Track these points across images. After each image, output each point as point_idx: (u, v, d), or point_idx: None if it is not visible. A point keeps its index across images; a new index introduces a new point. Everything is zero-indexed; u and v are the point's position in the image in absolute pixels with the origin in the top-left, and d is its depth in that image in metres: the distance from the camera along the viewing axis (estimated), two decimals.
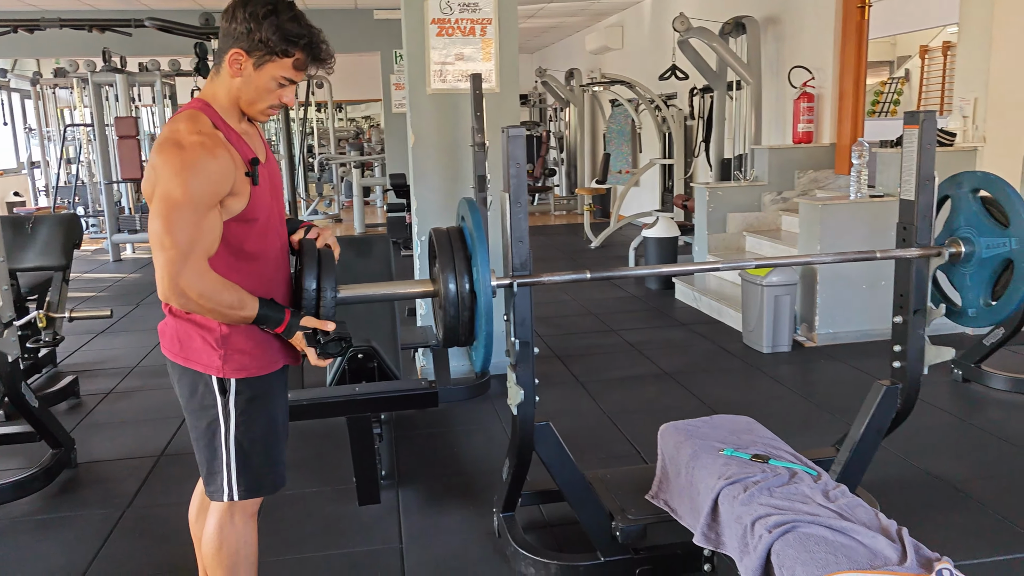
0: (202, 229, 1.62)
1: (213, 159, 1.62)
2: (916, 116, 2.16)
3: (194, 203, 1.60)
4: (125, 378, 4.57)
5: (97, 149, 8.91)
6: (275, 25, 1.65)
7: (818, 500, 1.86)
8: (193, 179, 1.59)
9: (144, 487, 3.15)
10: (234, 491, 1.82)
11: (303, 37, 1.68)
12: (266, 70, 1.69)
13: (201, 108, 1.71)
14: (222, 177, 1.63)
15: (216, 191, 1.63)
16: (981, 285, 2.19)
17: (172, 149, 1.61)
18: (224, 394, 1.77)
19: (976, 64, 4.69)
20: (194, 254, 1.61)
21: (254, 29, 1.64)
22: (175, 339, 1.79)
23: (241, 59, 1.68)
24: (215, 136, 1.66)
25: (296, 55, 1.68)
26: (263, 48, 1.66)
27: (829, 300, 4.69)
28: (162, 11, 9.09)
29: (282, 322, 1.73)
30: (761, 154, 6.23)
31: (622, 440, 3.46)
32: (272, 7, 1.66)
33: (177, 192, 1.59)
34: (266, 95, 1.72)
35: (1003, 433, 3.38)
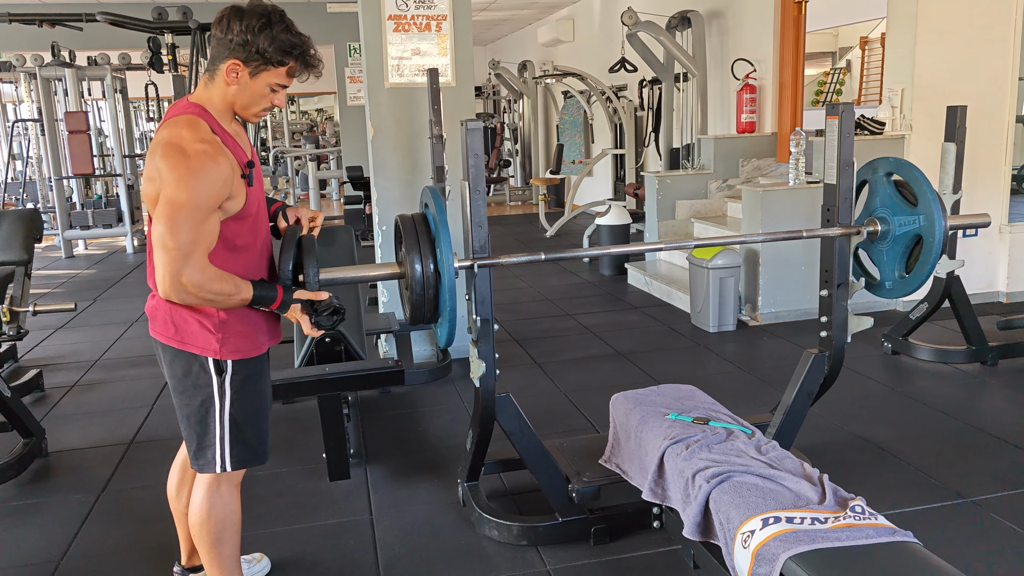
0: (203, 231, 1.74)
1: (216, 167, 1.74)
2: (836, 108, 2.38)
3: (197, 207, 1.71)
4: (88, 371, 4.63)
5: (46, 145, 8.80)
6: (271, 37, 1.76)
7: (751, 454, 2.07)
8: (198, 185, 1.71)
9: (117, 472, 3.24)
10: (227, 462, 1.95)
11: (297, 47, 1.81)
12: (261, 78, 1.81)
13: (199, 114, 1.81)
14: (224, 183, 1.76)
15: (218, 196, 1.76)
16: (896, 259, 2.43)
17: (178, 156, 1.71)
18: (220, 374, 1.90)
19: (903, 56, 4.99)
20: (195, 253, 1.72)
21: (251, 41, 1.75)
22: (169, 323, 1.88)
23: (238, 69, 1.79)
24: (216, 143, 1.77)
25: (290, 63, 1.81)
26: (259, 59, 1.77)
27: (771, 281, 4.96)
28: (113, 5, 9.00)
29: (276, 299, 1.87)
30: (707, 144, 6.49)
31: (578, 415, 3.66)
32: (267, 19, 1.77)
33: (183, 197, 1.70)
34: (260, 100, 1.85)
35: (927, 399, 3.66)
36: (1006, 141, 5.12)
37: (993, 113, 5.03)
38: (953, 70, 4.94)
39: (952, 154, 3.81)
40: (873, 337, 4.38)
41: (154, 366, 4.57)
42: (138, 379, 4.43)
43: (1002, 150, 5.12)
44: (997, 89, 5.03)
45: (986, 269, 5.24)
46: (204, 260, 1.75)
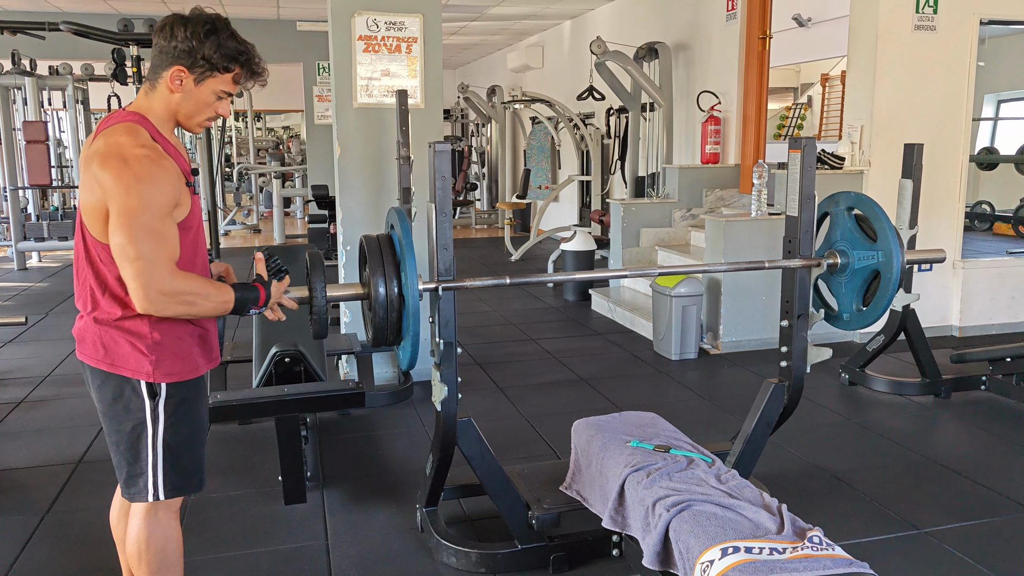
0: (164, 236, 1.70)
1: (161, 170, 1.70)
2: (799, 142, 2.43)
3: (152, 212, 1.67)
4: (37, 387, 4.49)
5: (2, 154, 8.61)
6: (217, 43, 1.75)
7: (711, 483, 2.08)
8: (147, 189, 1.66)
9: (63, 493, 3.14)
10: (160, 491, 1.87)
11: (243, 54, 1.80)
12: (206, 85, 1.78)
13: (138, 121, 1.76)
14: (172, 186, 1.72)
15: (169, 200, 1.71)
16: (854, 293, 2.47)
17: (119, 164, 1.67)
18: (154, 398, 1.82)
19: (862, 94, 5.13)
20: (160, 259, 1.68)
21: (196, 47, 1.74)
22: (98, 345, 1.81)
23: (183, 75, 1.76)
24: (157, 149, 1.73)
25: (236, 70, 1.80)
26: (205, 65, 1.75)
27: (732, 310, 5.02)
28: (76, 14, 8.88)
29: (260, 296, 1.86)
30: (672, 173, 6.57)
31: (539, 441, 3.64)
32: (211, 26, 1.76)
33: (135, 203, 1.65)
34: (205, 108, 1.82)
35: (883, 430, 3.72)
36: (960, 179, 5.27)
37: (948, 151, 5.18)
38: (911, 108, 5.08)
39: (908, 190, 3.91)
40: (831, 368, 4.44)
41: None
42: (88, 397, 4.20)
43: (956, 187, 5.27)
44: (952, 128, 5.18)
45: (940, 303, 5.36)
46: (171, 265, 1.70)
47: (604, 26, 9.02)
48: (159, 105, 1.80)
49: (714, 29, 6.80)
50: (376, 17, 4.24)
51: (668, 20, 7.62)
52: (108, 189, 1.67)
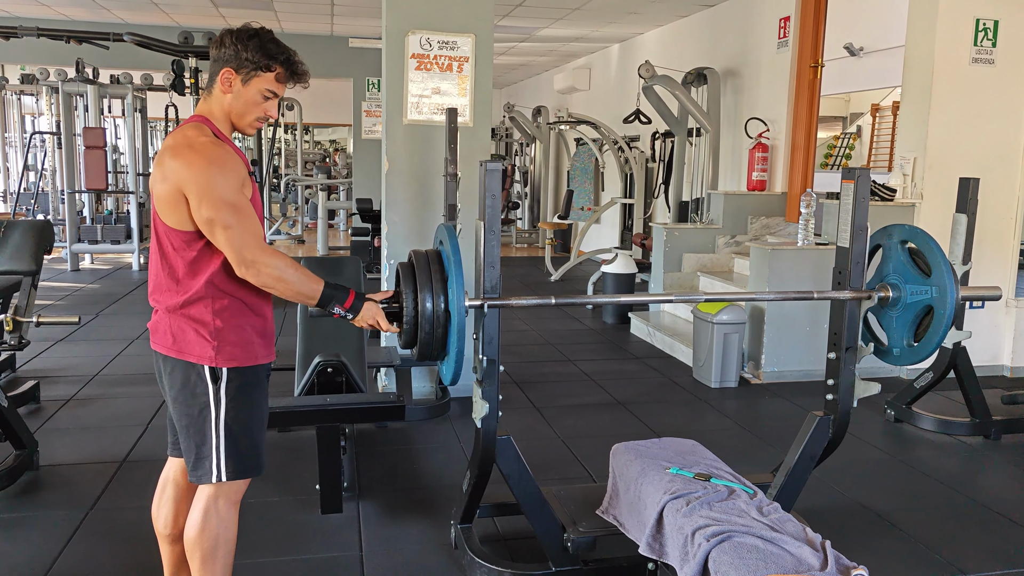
0: (241, 209, 1.85)
1: (227, 154, 1.88)
2: (853, 172, 2.40)
3: (227, 187, 1.84)
4: (86, 386, 4.60)
5: (62, 158, 8.88)
6: (258, 45, 1.92)
7: (753, 514, 2.04)
8: (218, 170, 1.84)
9: (107, 491, 3.20)
10: (222, 472, 1.96)
11: (282, 54, 1.96)
12: (253, 84, 1.93)
13: (202, 121, 1.95)
14: (239, 167, 1.90)
15: (238, 178, 1.88)
16: (905, 327, 2.43)
17: (189, 151, 1.85)
18: (216, 382, 1.94)
19: (916, 126, 5.05)
20: (247, 227, 1.84)
21: (240, 49, 1.91)
22: (168, 334, 1.95)
23: (231, 76, 1.93)
24: (219, 141, 1.91)
25: (277, 69, 1.94)
26: (249, 65, 1.91)
27: (775, 340, 4.95)
28: (138, 26, 9.17)
29: (348, 298, 1.99)
30: (717, 199, 6.53)
31: (575, 463, 3.62)
32: (255, 32, 1.94)
33: (212, 181, 1.82)
34: (253, 107, 1.96)
35: (928, 470, 3.62)
36: (1015, 214, 5.15)
37: (1003, 186, 5.07)
38: (965, 142, 4.99)
39: (963, 225, 3.83)
40: (876, 403, 4.35)
41: (151, 384, 4.56)
42: (135, 397, 4.39)
43: (1011, 223, 5.15)
44: (1008, 162, 5.08)
45: (991, 342, 5.23)
46: (258, 237, 1.87)
47: (652, 50, 9.03)
48: (216, 107, 1.96)
49: (764, 56, 6.77)
50: (429, 36, 4.30)
51: (717, 46, 7.60)
52: (182, 175, 1.83)
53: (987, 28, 4.90)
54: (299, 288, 1.92)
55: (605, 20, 8.68)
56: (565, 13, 8.37)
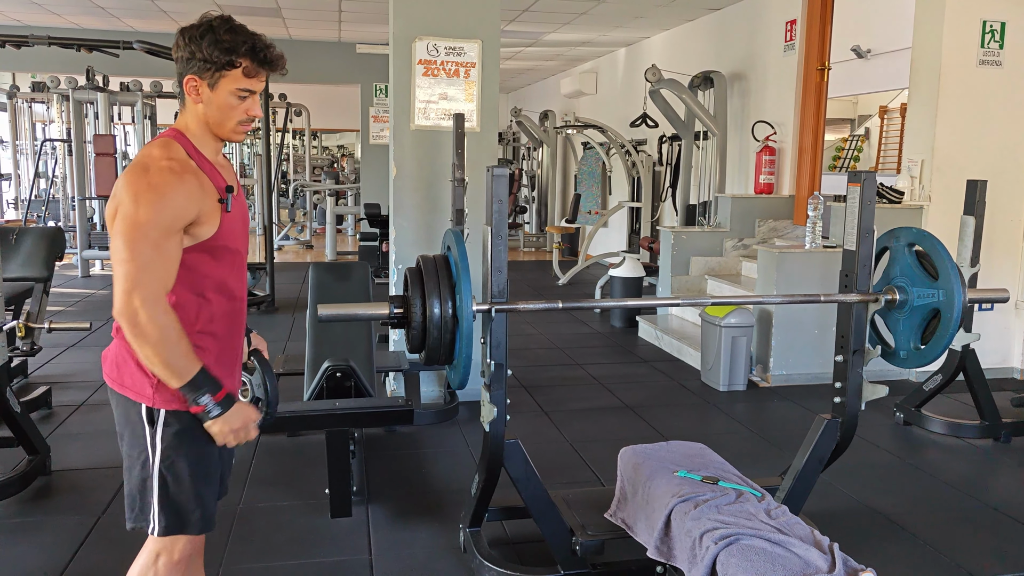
0: (161, 251, 1.61)
1: (179, 183, 1.63)
2: (859, 175, 2.41)
3: (155, 224, 1.59)
4: (97, 391, 4.63)
5: (73, 165, 8.96)
6: (213, 41, 1.66)
7: (761, 517, 2.05)
8: (157, 201, 1.60)
9: (119, 496, 3.22)
10: (155, 526, 1.76)
11: (244, 43, 1.68)
12: (221, 87, 1.69)
13: (174, 136, 1.73)
14: (187, 201, 1.64)
15: (179, 215, 1.63)
16: (912, 330, 2.43)
17: (138, 173, 1.63)
18: (152, 425, 1.71)
19: (924, 129, 5.04)
20: (150, 272, 1.59)
21: (196, 51, 1.66)
22: (114, 364, 1.76)
23: (196, 83, 1.69)
24: (185, 162, 1.68)
25: (242, 63, 1.68)
26: (210, 65, 1.67)
27: (783, 343, 4.94)
28: (147, 33, 9.24)
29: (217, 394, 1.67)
30: (724, 202, 6.53)
31: (583, 467, 3.63)
32: (207, 26, 1.68)
33: (139, 212, 1.59)
34: (230, 112, 1.72)
35: (938, 473, 3.61)
36: (1023, 216, 5.13)
37: (1011, 188, 5.06)
38: (973, 144, 4.98)
39: (971, 227, 3.82)
40: (885, 406, 4.34)
41: None
42: None
43: (1019, 225, 5.13)
44: (1016, 164, 5.06)
45: (1001, 344, 5.21)
46: (159, 287, 1.61)
47: (659, 54, 9.04)
48: (191, 120, 1.73)
49: (771, 59, 6.77)
50: (436, 42, 4.32)
51: (724, 50, 7.61)
52: (120, 196, 1.63)
53: (994, 30, 4.90)
54: (172, 360, 1.61)
55: (611, 24, 8.70)
56: (571, 18, 8.39)
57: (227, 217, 1.73)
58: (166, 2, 8.14)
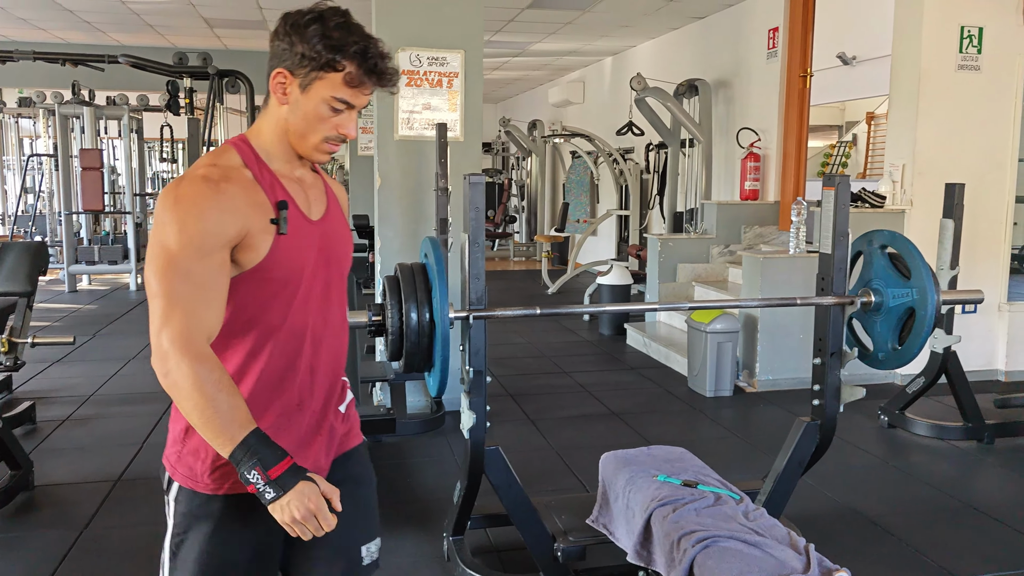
0: (194, 279, 1.29)
1: (214, 193, 1.32)
2: (833, 179, 2.43)
3: (184, 246, 1.29)
4: (81, 406, 4.61)
5: (59, 179, 8.95)
6: (319, 33, 1.33)
7: (739, 520, 2.06)
8: (185, 216, 1.29)
9: (101, 510, 3.21)
10: None
11: (355, 43, 1.34)
12: (314, 91, 1.36)
13: (235, 144, 1.42)
14: (224, 216, 1.31)
15: (212, 233, 1.30)
16: (889, 331, 2.44)
17: (172, 185, 1.34)
18: (167, 493, 1.45)
19: (904, 133, 5.09)
20: (182, 307, 1.27)
21: (296, 42, 1.34)
22: None
23: (285, 80, 1.37)
24: (231, 169, 1.37)
25: (346, 67, 1.35)
26: (307, 63, 1.34)
27: (769, 348, 4.96)
28: (133, 47, 9.25)
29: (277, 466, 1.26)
30: (710, 209, 6.56)
31: (568, 474, 3.63)
32: (317, 14, 1.35)
33: (167, 233, 1.29)
34: (317, 124, 1.39)
35: (921, 475, 3.63)
36: (1006, 219, 5.17)
37: (993, 191, 5.10)
38: (954, 148, 5.02)
39: (950, 230, 3.85)
40: (869, 409, 4.36)
41: (147, 403, 4.59)
42: (131, 416, 4.41)
43: (1002, 228, 5.18)
44: (997, 168, 5.11)
45: (985, 346, 5.24)
46: (193, 325, 1.28)
47: (645, 63, 9.10)
48: (268, 124, 1.41)
49: (754, 67, 6.82)
50: (419, 53, 4.35)
51: (708, 57, 7.66)
52: (155, 212, 1.34)
53: (972, 35, 4.95)
54: (211, 417, 1.25)
55: (597, 34, 8.75)
56: (557, 27, 8.43)
57: (282, 241, 1.38)
58: (153, 16, 8.15)
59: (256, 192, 1.37)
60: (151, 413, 4.40)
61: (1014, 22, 4.99)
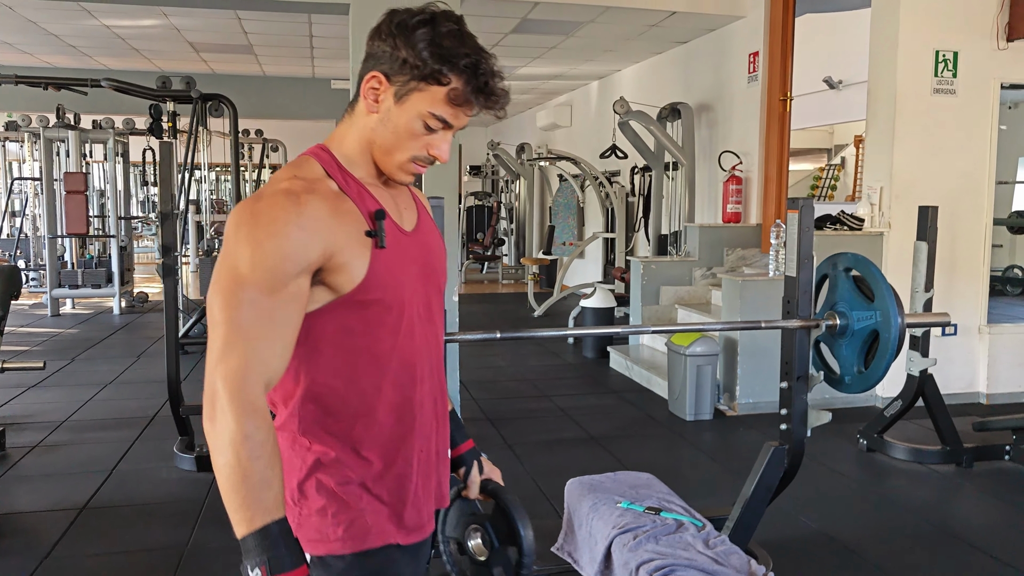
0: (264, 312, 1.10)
1: (296, 208, 1.12)
2: (797, 202, 2.42)
3: (256, 270, 1.10)
4: (53, 432, 4.55)
5: (44, 203, 8.92)
6: (428, 39, 1.16)
7: (698, 548, 2.02)
8: (261, 236, 1.11)
9: (64, 538, 3.15)
10: None
11: (465, 56, 1.17)
12: (411, 103, 1.19)
13: (314, 153, 1.25)
14: (307, 235, 1.12)
15: (291, 257, 1.11)
16: (854, 354, 2.42)
17: (248, 201, 1.16)
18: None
19: (881, 156, 5.10)
20: (245, 344, 1.09)
21: (400, 45, 1.17)
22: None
23: (379, 87, 1.19)
24: (315, 181, 1.18)
25: (452, 82, 1.17)
26: (408, 71, 1.17)
27: (749, 371, 4.93)
28: (119, 71, 9.27)
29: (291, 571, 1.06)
30: (693, 231, 6.57)
31: (542, 500, 3.58)
32: (428, 16, 1.18)
33: (239, 254, 1.11)
34: (408, 142, 1.21)
35: (899, 499, 3.59)
36: (984, 241, 5.18)
37: (971, 214, 5.12)
38: (931, 170, 5.04)
39: (924, 253, 3.85)
40: (848, 433, 4.33)
41: (120, 429, 4.53)
42: (102, 443, 4.34)
43: (981, 250, 5.18)
44: (975, 190, 5.13)
45: (966, 369, 5.22)
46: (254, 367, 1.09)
47: (629, 87, 9.15)
48: (352, 133, 1.24)
49: (736, 90, 6.86)
50: None
51: (691, 81, 7.71)
52: (225, 231, 1.16)
53: (947, 59, 4.99)
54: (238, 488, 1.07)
55: (582, 58, 8.81)
56: (541, 52, 8.49)
57: (382, 256, 1.19)
58: (138, 41, 8.18)
59: (344, 202, 1.19)
60: (123, 439, 4.34)
61: (989, 46, 5.04)
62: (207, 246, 8.68)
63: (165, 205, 3.76)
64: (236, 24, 7.36)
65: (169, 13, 6.86)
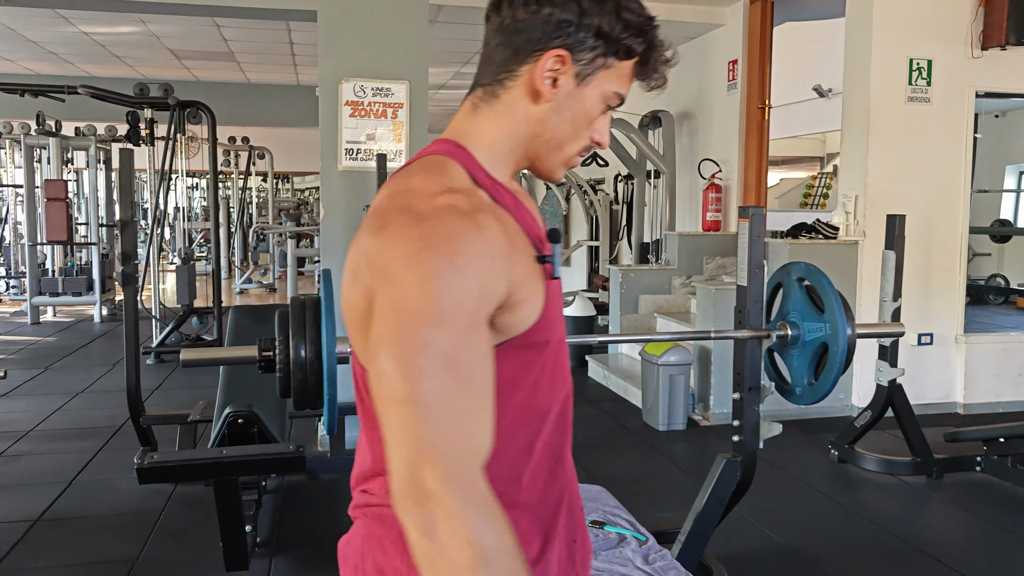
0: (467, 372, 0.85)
1: (479, 233, 0.88)
2: (747, 211, 2.38)
3: (457, 319, 0.85)
4: (17, 442, 4.48)
5: (25, 210, 8.87)
6: (618, 6, 0.98)
7: (636, 563, 1.97)
8: (451, 272, 0.85)
9: (13, 552, 3.09)
10: None
11: (651, 28, 1.01)
12: (595, 83, 0.99)
13: (451, 152, 1.00)
14: (495, 266, 0.89)
15: (490, 295, 0.89)
16: (805, 365, 2.38)
17: (404, 223, 0.89)
18: None
19: (856, 164, 5.08)
20: (454, 422, 0.83)
21: (590, 11, 0.96)
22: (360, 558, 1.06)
23: (563, 65, 0.98)
24: (473, 194, 0.95)
25: (640, 54, 1.01)
26: (600, 43, 0.98)
27: (723, 380, 4.88)
28: (102, 79, 9.23)
29: None
30: (672, 240, 6.53)
31: None
32: None
33: (422, 299, 0.84)
34: (586, 128, 1.02)
35: (866, 512, 3.54)
36: (960, 250, 5.15)
37: (946, 222, 5.09)
38: (905, 179, 5.01)
39: (891, 262, 3.82)
40: (821, 444, 4.29)
41: (85, 439, 4.48)
42: (64, 453, 4.28)
43: (956, 259, 5.15)
44: (950, 199, 5.10)
45: (943, 379, 5.18)
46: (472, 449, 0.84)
47: None
48: (501, 127, 1.01)
49: (716, 99, 6.84)
50: (363, 83, 4.32)
51: (672, 89, 7.66)
52: (376, 267, 0.89)
53: (921, 67, 4.97)
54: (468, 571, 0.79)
55: None
56: None
57: (552, 288, 1.00)
58: (118, 48, 8.15)
59: (508, 221, 0.95)
60: (86, 450, 4.28)
61: (963, 55, 5.02)
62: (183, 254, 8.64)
63: (125, 213, 3.72)
64: (215, 31, 7.33)
65: (147, 20, 6.83)
